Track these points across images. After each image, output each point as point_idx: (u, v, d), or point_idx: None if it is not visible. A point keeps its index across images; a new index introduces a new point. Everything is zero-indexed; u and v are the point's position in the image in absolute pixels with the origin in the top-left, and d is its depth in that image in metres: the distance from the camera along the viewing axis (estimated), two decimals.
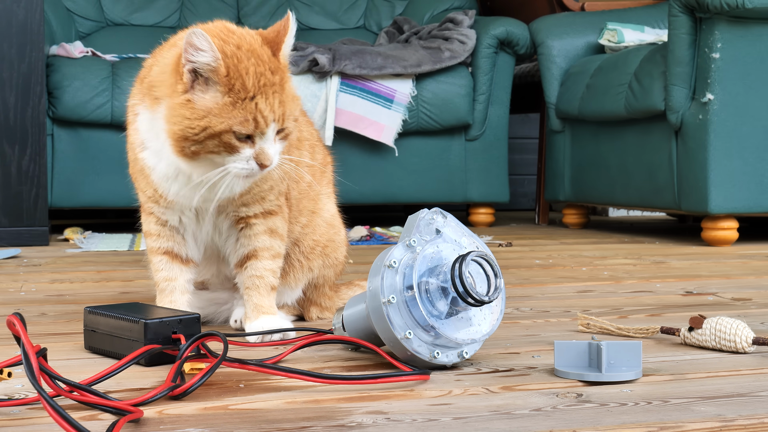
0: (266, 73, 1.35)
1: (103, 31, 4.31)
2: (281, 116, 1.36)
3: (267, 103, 1.34)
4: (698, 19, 3.07)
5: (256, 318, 1.52)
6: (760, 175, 3.10)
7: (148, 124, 1.42)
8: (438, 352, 1.27)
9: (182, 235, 1.54)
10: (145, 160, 1.45)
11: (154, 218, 1.53)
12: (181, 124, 1.33)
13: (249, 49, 1.35)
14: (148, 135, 1.43)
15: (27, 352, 1.04)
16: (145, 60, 1.53)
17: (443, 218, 1.33)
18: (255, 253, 1.53)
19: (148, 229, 1.54)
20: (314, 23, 4.62)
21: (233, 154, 1.34)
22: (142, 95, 1.44)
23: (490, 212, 4.10)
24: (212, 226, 1.54)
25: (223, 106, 1.32)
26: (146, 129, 1.43)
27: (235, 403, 1.12)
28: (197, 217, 1.52)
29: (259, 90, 1.33)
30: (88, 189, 3.55)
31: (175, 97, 1.34)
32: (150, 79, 1.42)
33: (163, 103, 1.37)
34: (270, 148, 1.36)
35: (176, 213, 1.51)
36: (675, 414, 1.07)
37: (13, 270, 2.49)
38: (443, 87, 3.85)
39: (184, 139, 1.34)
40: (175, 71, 1.35)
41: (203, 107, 1.32)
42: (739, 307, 1.85)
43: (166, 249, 1.53)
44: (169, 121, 1.35)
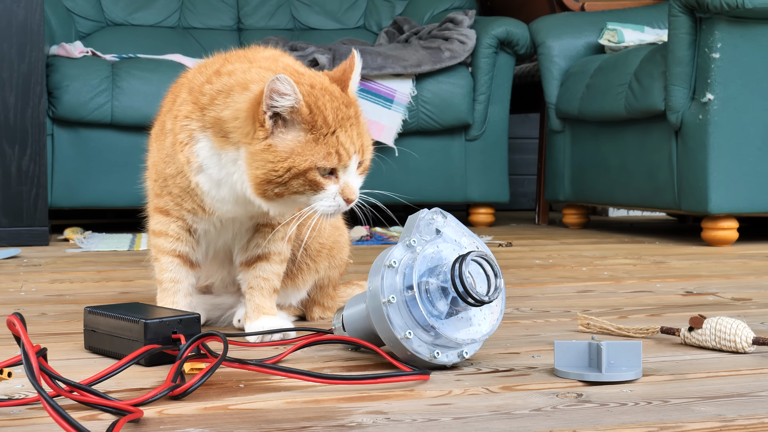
0: (341, 107, 1.35)
1: (103, 31, 4.31)
2: (361, 148, 1.37)
3: (347, 135, 1.34)
4: (698, 19, 3.07)
5: (256, 318, 1.53)
6: (760, 175, 3.10)
7: (211, 154, 1.40)
8: (438, 352, 1.27)
9: (197, 239, 1.54)
10: (200, 184, 1.43)
11: (181, 223, 1.51)
12: (264, 168, 1.32)
13: (321, 87, 1.36)
14: (209, 162, 1.41)
15: (27, 352, 1.04)
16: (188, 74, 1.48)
17: (443, 218, 1.33)
18: (267, 255, 1.55)
19: (164, 230, 1.52)
20: (314, 23, 4.62)
21: (318, 192, 1.34)
22: (203, 124, 1.40)
23: (490, 212, 4.10)
24: (236, 232, 1.54)
25: (305, 143, 1.32)
26: (207, 156, 1.40)
27: (235, 403, 1.12)
28: (224, 223, 1.53)
29: (338, 124, 1.33)
30: (88, 189, 3.55)
31: (255, 144, 1.32)
32: (217, 116, 1.37)
33: (239, 147, 1.35)
34: (354, 182, 1.36)
35: (211, 222, 1.51)
36: (675, 414, 1.07)
37: (13, 270, 2.49)
38: (443, 87, 3.85)
39: (267, 183, 1.33)
40: (252, 118, 1.33)
41: (285, 148, 1.31)
42: (739, 307, 1.85)
43: (181, 252, 1.53)
44: (250, 166, 1.33)
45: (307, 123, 1.32)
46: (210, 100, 1.39)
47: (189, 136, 1.41)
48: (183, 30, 4.46)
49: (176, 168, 1.45)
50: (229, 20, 4.53)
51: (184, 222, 1.51)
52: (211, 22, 4.50)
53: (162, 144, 1.48)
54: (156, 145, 1.51)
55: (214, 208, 1.46)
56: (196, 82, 1.44)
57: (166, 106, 1.51)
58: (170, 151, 1.45)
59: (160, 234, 1.53)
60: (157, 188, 1.51)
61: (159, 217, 1.53)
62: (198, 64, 1.51)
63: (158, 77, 3.60)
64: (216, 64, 1.45)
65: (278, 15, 4.58)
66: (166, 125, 1.47)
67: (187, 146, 1.42)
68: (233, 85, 1.38)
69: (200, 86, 1.42)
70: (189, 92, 1.44)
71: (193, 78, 1.46)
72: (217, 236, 1.55)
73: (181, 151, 1.43)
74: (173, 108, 1.46)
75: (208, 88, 1.40)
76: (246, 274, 1.55)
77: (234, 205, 1.44)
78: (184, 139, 1.42)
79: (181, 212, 1.50)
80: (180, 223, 1.51)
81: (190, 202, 1.47)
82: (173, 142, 1.44)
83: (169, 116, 1.47)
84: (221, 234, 1.54)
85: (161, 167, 1.48)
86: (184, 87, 1.47)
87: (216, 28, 4.50)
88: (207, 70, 1.44)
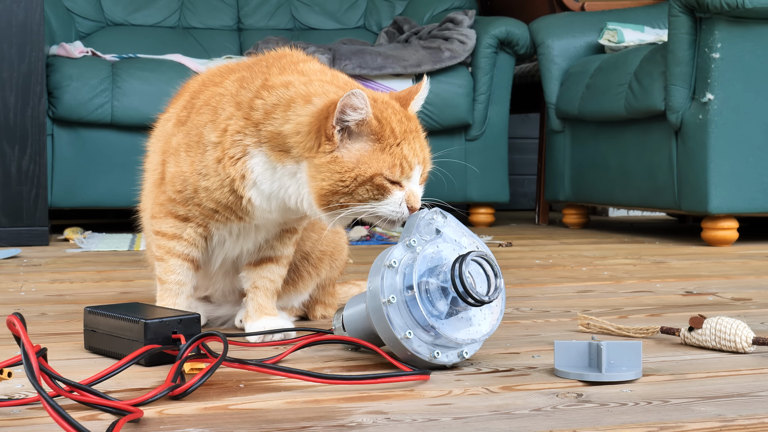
0: (404, 120, 1.38)
1: (103, 31, 4.31)
2: (423, 159, 1.39)
3: (410, 147, 1.36)
4: (698, 19, 3.07)
5: (257, 318, 1.53)
6: (760, 175, 3.10)
7: (265, 168, 1.39)
8: (438, 352, 1.27)
9: (210, 246, 1.54)
10: (252, 199, 1.42)
11: (201, 230, 1.50)
12: (330, 179, 1.32)
13: (383, 101, 1.38)
14: (262, 178, 1.40)
15: (27, 352, 1.04)
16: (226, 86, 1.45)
17: (443, 218, 1.33)
18: (278, 258, 1.56)
19: (178, 234, 1.50)
20: (314, 23, 4.62)
21: (385, 197, 1.34)
22: (258, 139, 1.39)
23: (490, 212, 4.10)
24: (259, 240, 1.54)
25: (372, 152, 1.33)
26: (261, 171, 1.40)
27: (235, 403, 1.12)
28: (246, 232, 1.53)
29: (403, 136, 1.36)
30: (88, 189, 3.55)
31: (320, 157, 1.33)
32: (275, 130, 1.36)
33: (299, 161, 1.35)
34: (418, 191, 1.38)
35: (235, 230, 1.51)
36: (675, 414, 1.07)
37: (13, 270, 2.49)
38: (443, 87, 3.85)
39: (333, 194, 1.33)
40: (317, 131, 1.33)
41: (352, 159, 1.32)
42: (739, 307, 1.85)
43: (193, 257, 1.52)
44: (315, 178, 1.33)
45: (375, 134, 1.33)
46: (265, 115, 1.38)
47: (243, 152, 1.40)
48: (183, 30, 4.46)
49: (220, 182, 1.42)
50: (229, 20, 4.53)
51: (206, 229, 1.50)
52: (211, 22, 4.50)
53: (199, 156, 1.44)
54: (187, 157, 1.46)
55: (257, 218, 1.46)
56: (243, 97, 1.41)
57: (201, 117, 1.46)
58: (213, 165, 1.42)
59: (174, 237, 1.50)
60: (179, 197, 1.48)
61: (173, 221, 1.50)
62: (232, 75, 1.47)
63: (158, 77, 3.60)
64: (258, 77, 1.43)
65: (278, 15, 4.58)
66: (207, 137, 1.43)
67: (240, 161, 1.40)
68: (292, 97, 1.37)
69: (250, 101, 1.40)
70: (236, 107, 1.41)
71: (237, 92, 1.43)
72: (234, 245, 1.54)
73: (232, 166, 1.41)
74: (217, 121, 1.43)
75: (261, 103, 1.39)
76: (252, 273, 1.55)
77: (279, 214, 1.45)
78: (236, 154, 1.40)
79: (207, 220, 1.49)
80: (200, 230, 1.50)
81: (226, 213, 1.46)
82: (219, 158, 1.41)
83: (211, 129, 1.43)
84: (243, 242, 1.54)
85: (194, 179, 1.45)
86: (226, 100, 1.43)
87: (216, 28, 4.50)
88: (251, 84, 1.42)
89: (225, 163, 1.41)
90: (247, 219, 1.46)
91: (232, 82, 1.46)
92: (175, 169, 1.47)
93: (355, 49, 3.80)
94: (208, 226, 1.50)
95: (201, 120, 1.45)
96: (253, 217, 1.45)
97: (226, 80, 1.47)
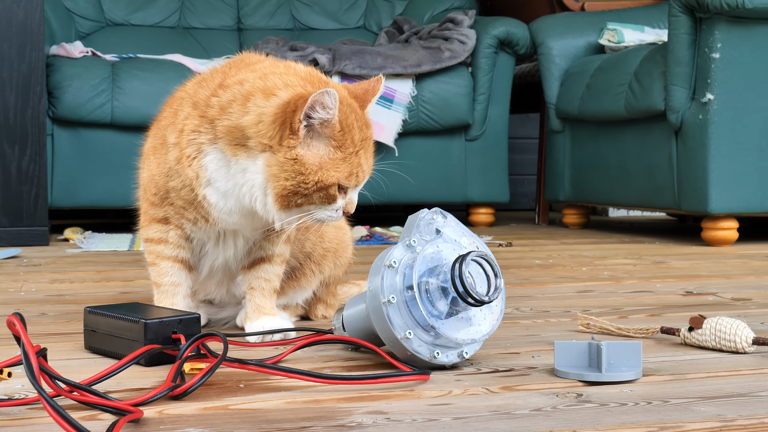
0: (363, 127, 1.38)
1: (103, 31, 4.31)
2: (370, 169, 1.41)
3: (365, 157, 1.38)
4: (698, 19, 3.07)
5: (256, 318, 1.53)
6: (760, 175, 3.10)
7: (219, 166, 1.40)
8: (438, 352, 1.27)
9: (192, 245, 1.54)
10: (207, 197, 1.43)
11: (180, 231, 1.51)
12: (294, 179, 1.33)
13: (348, 104, 1.38)
14: (217, 175, 1.41)
15: (27, 352, 1.04)
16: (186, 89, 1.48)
17: (443, 218, 1.33)
18: (270, 257, 1.56)
19: (163, 238, 1.52)
20: (314, 23, 4.62)
21: (330, 203, 1.37)
22: (213, 135, 1.39)
23: (490, 212, 4.10)
24: (239, 249, 1.55)
25: (334, 160, 1.34)
26: (215, 169, 1.41)
27: (235, 403, 1.12)
28: (226, 239, 1.53)
29: (360, 145, 1.37)
30: (88, 189, 3.55)
31: (283, 152, 1.33)
32: (232, 124, 1.37)
33: (255, 155, 1.36)
34: (356, 198, 1.40)
35: (211, 233, 1.52)
36: (675, 414, 1.07)
37: (13, 270, 2.49)
38: (443, 87, 3.85)
39: (294, 194, 1.34)
40: (281, 123, 1.33)
41: (315, 162, 1.34)
42: (739, 307, 1.86)
43: (182, 258, 1.53)
44: (277, 176, 1.34)
45: (337, 140, 1.34)
46: (220, 111, 1.39)
47: (197, 150, 1.41)
48: (183, 30, 4.46)
49: (182, 182, 1.44)
50: (229, 20, 4.53)
51: (183, 230, 1.52)
52: (211, 22, 4.50)
53: (164, 158, 1.47)
54: (155, 159, 1.49)
55: (219, 220, 1.46)
56: (200, 96, 1.43)
57: (165, 120, 1.49)
58: (175, 166, 1.44)
59: (160, 241, 1.53)
60: (156, 200, 1.50)
61: (157, 226, 1.53)
62: (194, 80, 1.50)
63: (158, 77, 3.60)
64: (216, 78, 1.45)
65: (278, 15, 4.58)
66: (168, 139, 1.46)
67: (195, 160, 1.42)
68: (250, 91, 1.37)
69: (206, 99, 1.41)
70: (193, 106, 1.43)
71: (195, 92, 1.45)
72: (216, 253, 1.55)
73: (189, 166, 1.42)
74: (176, 122, 1.45)
75: (216, 100, 1.40)
76: (247, 275, 1.56)
77: (240, 217, 1.45)
78: (191, 153, 1.42)
79: (181, 221, 1.50)
80: (179, 231, 1.52)
81: (194, 213, 1.47)
82: (179, 157, 1.43)
83: (171, 130, 1.45)
84: (223, 250, 1.54)
85: (162, 180, 1.47)
86: (185, 101, 1.46)
87: (216, 28, 4.50)
88: (209, 84, 1.44)
89: (183, 162, 1.43)
90: (211, 220, 1.47)
91: (193, 84, 1.49)
92: (147, 173, 1.51)
93: (355, 49, 3.80)
94: (183, 227, 1.51)
95: (164, 123, 1.49)
96: (213, 218, 1.45)
97: (188, 83, 1.50)
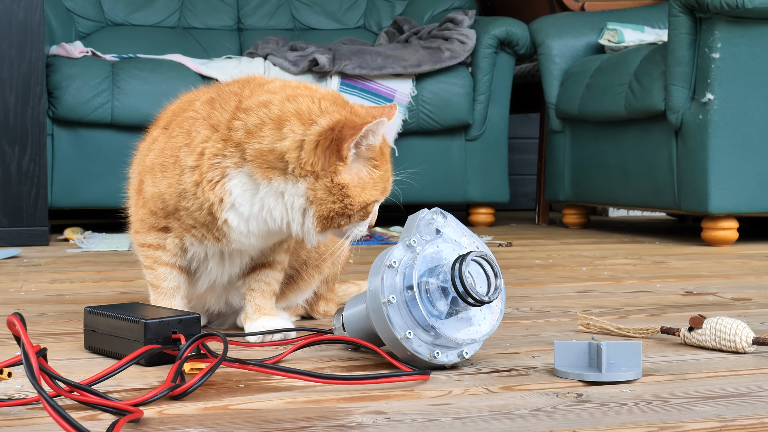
0: (385, 145, 1.42)
1: (103, 31, 4.31)
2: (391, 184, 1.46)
3: (391, 174, 1.43)
4: (698, 19, 3.07)
5: (256, 319, 1.53)
6: (760, 175, 3.10)
7: (245, 189, 1.40)
8: (438, 352, 1.27)
9: (187, 257, 1.54)
10: (229, 221, 1.42)
11: (179, 241, 1.50)
12: (341, 203, 1.36)
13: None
14: (242, 200, 1.41)
15: (27, 352, 1.04)
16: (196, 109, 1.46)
17: (443, 218, 1.33)
18: (272, 264, 1.57)
19: (162, 244, 1.51)
20: (314, 23, 4.62)
21: (364, 219, 1.40)
22: (240, 159, 1.39)
23: (490, 212, 4.10)
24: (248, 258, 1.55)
25: (374, 179, 1.38)
26: (240, 193, 1.40)
27: (235, 403, 1.12)
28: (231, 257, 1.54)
29: (389, 162, 1.42)
30: (88, 189, 3.55)
31: (329, 178, 1.35)
32: (264, 148, 1.37)
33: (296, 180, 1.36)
34: (376, 211, 1.43)
35: (217, 251, 1.52)
36: (675, 414, 1.07)
37: (13, 270, 2.49)
38: (443, 87, 3.85)
39: (339, 216, 1.37)
40: (325, 150, 1.34)
41: (358, 185, 1.37)
42: (739, 307, 1.86)
43: (180, 265, 1.53)
44: (323, 200, 1.35)
45: (377, 160, 1.38)
46: (248, 134, 1.38)
47: (221, 174, 1.41)
48: (183, 30, 4.46)
49: (199, 204, 1.43)
50: (229, 20, 4.53)
51: (182, 241, 1.51)
52: (211, 22, 4.50)
53: (177, 179, 1.44)
54: (164, 178, 1.46)
55: (234, 241, 1.46)
56: (219, 119, 1.42)
57: (176, 139, 1.46)
58: (192, 188, 1.43)
59: (158, 247, 1.52)
60: (161, 213, 1.48)
61: (156, 233, 1.52)
62: (201, 99, 1.48)
63: (158, 77, 3.60)
64: (230, 100, 1.43)
65: (278, 15, 4.58)
66: (184, 161, 1.43)
67: (218, 184, 1.41)
68: (282, 116, 1.37)
69: (227, 122, 1.41)
70: (212, 129, 1.42)
71: (209, 114, 1.43)
72: (220, 270, 1.54)
73: (211, 190, 1.41)
74: (192, 144, 1.43)
75: (240, 123, 1.39)
76: (247, 278, 1.56)
77: (257, 239, 1.46)
78: (214, 177, 1.41)
79: (184, 234, 1.49)
80: (177, 240, 1.51)
81: (203, 231, 1.47)
82: (197, 181, 1.42)
83: (187, 152, 1.43)
84: (230, 267, 1.54)
85: (173, 200, 1.45)
86: (198, 123, 1.44)
87: (216, 28, 4.50)
88: (224, 106, 1.43)
89: (204, 186, 1.42)
90: (224, 241, 1.47)
91: (202, 104, 1.47)
92: (153, 189, 1.48)
93: (355, 49, 3.80)
94: (183, 239, 1.50)
95: (175, 143, 1.46)
96: (230, 239, 1.45)
97: (195, 103, 1.48)
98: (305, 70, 3.71)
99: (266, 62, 3.78)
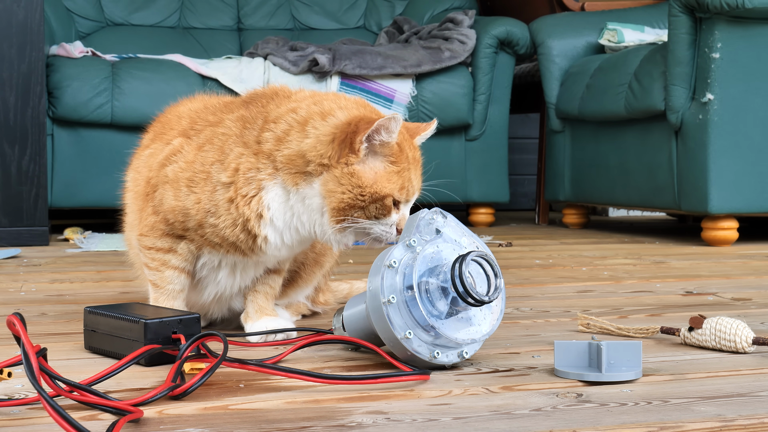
0: (413, 148, 1.46)
1: (103, 31, 4.31)
2: (419, 188, 1.47)
3: (415, 175, 1.44)
4: (698, 19, 3.07)
5: (258, 318, 1.54)
6: (760, 175, 3.10)
7: (280, 201, 1.41)
8: (438, 352, 1.27)
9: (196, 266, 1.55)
10: (268, 235, 1.43)
11: (192, 246, 1.50)
12: (351, 192, 1.36)
13: (405, 127, 1.46)
14: (278, 213, 1.42)
15: (27, 352, 1.04)
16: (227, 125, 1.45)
17: (443, 218, 1.33)
18: (279, 270, 1.59)
19: (173, 248, 1.50)
20: (314, 23, 4.62)
21: (384, 217, 1.39)
22: (273, 169, 1.40)
23: (490, 212, 4.10)
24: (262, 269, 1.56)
25: (389, 173, 1.39)
26: (276, 207, 1.41)
27: (235, 403, 1.12)
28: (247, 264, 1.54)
29: (411, 163, 1.43)
30: (88, 189, 3.55)
31: (339, 168, 1.36)
32: (293, 151, 1.38)
33: (312, 180, 1.38)
34: (407, 214, 1.43)
35: (230, 262, 1.52)
36: (675, 414, 1.07)
37: (13, 270, 2.49)
38: (443, 87, 3.85)
39: (351, 207, 1.37)
40: (340, 142, 1.36)
41: (371, 175, 1.37)
42: (739, 307, 1.86)
43: (189, 270, 1.53)
44: (335, 191, 1.36)
45: (394, 156, 1.39)
46: (277, 142, 1.40)
47: (257, 188, 1.41)
48: (183, 30, 4.46)
49: (232, 220, 1.43)
50: (229, 20, 4.53)
51: (198, 248, 1.50)
52: (211, 22, 4.50)
53: (209, 195, 1.43)
54: (191, 194, 1.44)
55: (267, 255, 1.47)
56: (250, 137, 1.42)
57: (208, 154, 1.44)
58: (225, 204, 1.42)
59: (169, 251, 1.50)
60: (180, 227, 1.47)
61: (168, 238, 1.50)
62: (230, 116, 1.48)
63: (158, 77, 3.60)
64: (258, 116, 1.44)
65: (278, 15, 4.58)
66: (217, 177, 1.43)
67: (254, 198, 1.41)
68: (307, 117, 1.40)
69: (256, 137, 1.42)
70: (244, 146, 1.42)
71: (241, 133, 1.43)
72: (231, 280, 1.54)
73: (246, 205, 1.41)
74: (226, 161, 1.42)
75: (269, 135, 1.41)
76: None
77: (285, 251, 1.47)
78: (250, 192, 1.41)
79: (204, 245, 1.49)
80: (191, 246, 1.50)
81: (228, 248, 1.47)
82: (232, 198, 1.42)
83: (220, 169, 1.43)
84: (241, 278, 1.54)
85: (200, 216, 1.44)
86: (231, 140, 1.44)
87: (216, 28, 4.50)
88: (253, 125, 1.43)
89: (238, 202, 1.42)
90: (253, 256, 1.47)
91: (233, 121, 1.46)
92: (175, 203, 1.46)
93: (355, 49, 3.80)
94: (201, 248, 1.50)
95: (206, 158, 1.45)
96: (264, 253, 1.46)
97: (226, 118, 1.48)
98: (305, 70, 3.71)
99: (266, 62, 3.78)
